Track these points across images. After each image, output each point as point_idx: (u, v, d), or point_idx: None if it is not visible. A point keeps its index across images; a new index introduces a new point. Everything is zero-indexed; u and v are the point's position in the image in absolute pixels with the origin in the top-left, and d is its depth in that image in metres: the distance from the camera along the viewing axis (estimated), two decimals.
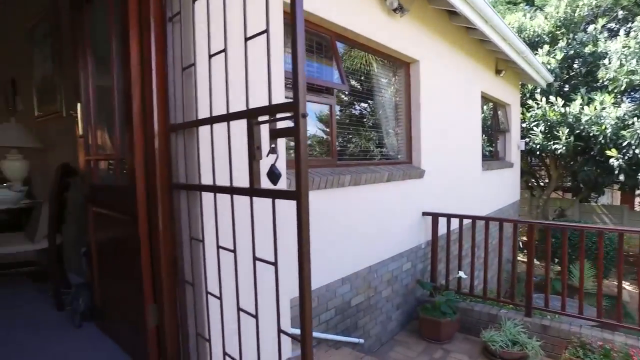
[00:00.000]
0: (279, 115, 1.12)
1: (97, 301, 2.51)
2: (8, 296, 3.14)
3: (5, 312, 2.79)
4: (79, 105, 2.37)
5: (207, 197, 1.58)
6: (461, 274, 4.24)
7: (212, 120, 1.41)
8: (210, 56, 1.42)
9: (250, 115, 1.19)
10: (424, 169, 4.64)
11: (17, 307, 2.89)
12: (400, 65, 4.57)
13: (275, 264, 1.17)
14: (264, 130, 1.21)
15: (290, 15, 1.02)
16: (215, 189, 1.43)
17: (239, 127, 1.36)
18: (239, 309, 1.36)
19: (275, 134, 1.11)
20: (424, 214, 4.68)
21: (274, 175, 1.10)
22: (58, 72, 3.29)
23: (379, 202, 3.92)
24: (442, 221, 4.59)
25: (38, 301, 3.02)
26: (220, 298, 1.47)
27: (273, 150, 1.11)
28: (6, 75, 4.47)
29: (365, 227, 3.70)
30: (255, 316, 1.27)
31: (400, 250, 4.28)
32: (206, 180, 1.57)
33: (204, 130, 1.56)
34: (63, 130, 3.34)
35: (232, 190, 1.34)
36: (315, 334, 3.14)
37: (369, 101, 4.37)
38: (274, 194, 1.14)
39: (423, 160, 4.67)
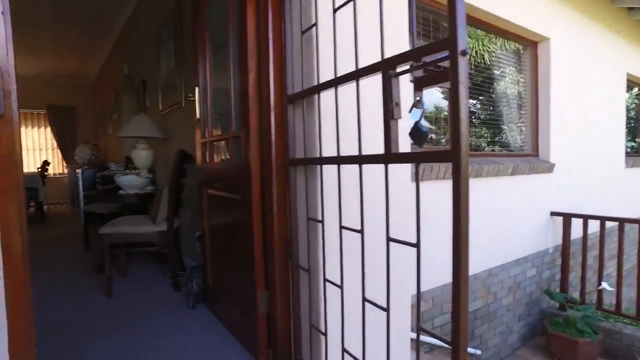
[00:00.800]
0: (425, 60, 0.90)
1: (210, 284, 2.53)
2: (139, 272, 3.39)
3: (136, 286, 2.99)
4: (196, 89, 2.41)
5: (328, 172, 1.42)
6: (605, 285, 3.57)
7: (337, 82, 1.24)
8: (335, 10, 1.26)
9: (387, 65, 0.99)
10: (553, 162, 4.03)
11: (143, 282, 3.09)
12: (526, 44, 4.03)
13: (417, 245, 0.94)
14: (403, 82, 1.00)
15: None
16: (339, 160, 1.25)
17: (369, 86, 1.17)
18: (365, 300, 1.16)
19: (422, 83, 0.89)
20: (553, 214, 4.06)
21: (419, 133, 0.88)
22: (179, 66, 3.46)
23: (502, 197, 3.47)
24: (576, 223, 3.93)
25: (159, 280, 3.20)
26: (341, 286, 1.30)
27: (418, 104, 0.89)
28: (139, 77, 4.90)
29: (486, 224, 3.29)
30: (387, 309, 1.06)
31: (524, 254, 3.76)
32: (327, 152, 1.41)
33: (325, 97, 1.40)
34: (182, 120, 3.50)
35: (360, 160, 1.15)
36: (427, 339, 2.85)
37: (489, 85, 3.91)
38: (419, 158, 0.92)
39: (552, 152, 4.06)
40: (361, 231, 1.17)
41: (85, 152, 7.69)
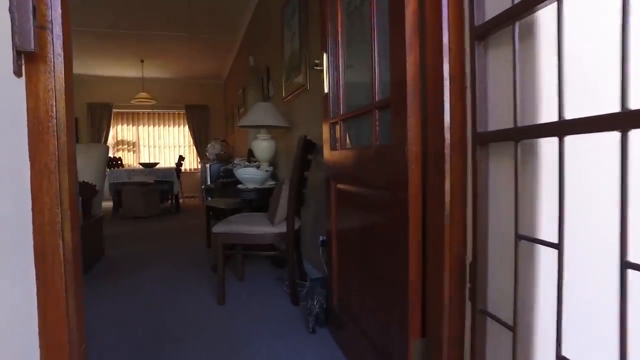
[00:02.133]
0: None
1: (335, 304, 1.99)
2: (256, 275, 3.06)
3: (251, 294, 2.63)
4: (324, 55, 1.89)
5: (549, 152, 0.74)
6: None
7: None
8: None
9: None
10: None
11: (259, 291, 2.71)
12: None
13: None
14: None
15: None
16: (601, 123, 0.56)
17: None
18: None
19: None
20: None
21: None
22: (304, 45, 3.03)
23: None
24: None
25: (276, 289, 2.79)
26: None
27: None
28: (263, 66, 4.68)
29: None
30: None
31: None
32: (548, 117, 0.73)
33: (546, 17, 0.72)
34: (307, 106, 3.07)
35: None
36: None
37: None
38: None
39: None
40: None
41: (215, 147, 7.96)
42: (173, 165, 8.76)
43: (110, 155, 9.40)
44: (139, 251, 4.08)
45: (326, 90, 1.91)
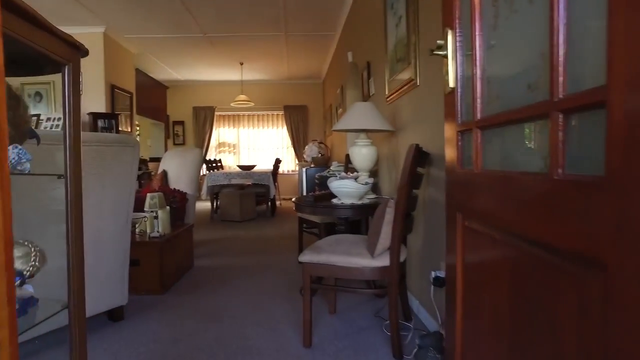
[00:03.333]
0: None
1: None
2: (350, 308, 2.58)
3: (343, 335, 2.15)
4: (448, 34, 1.32)
5: None
6: None
7: None
8: None
9: None
10: None
11: (353, 331, 2.22)
12: None
13: None
14: None
15: None
16: None
17: None
18: None
19: None
20: None
21: None
22: (413, 30, 2.46)
23: None
24: None
25: (374, 329, 2.27)
26: None
27: None
28: (363, 62, 4.19)
29: None
30: None
31: None
32: None
33: None
34: (415, 106, 2.50)
35: None
36: None
37: None
38: None
39: None
40: None
41: (313, 150, 7.69)
42: (271, 167, 8.72)
43: (212, 157, 9.72)
44: (228, 263, 3.86)
45: (451, 84, 1.33)
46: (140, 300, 2.88)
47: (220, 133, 10.01)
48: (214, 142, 9.89)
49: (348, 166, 3.76)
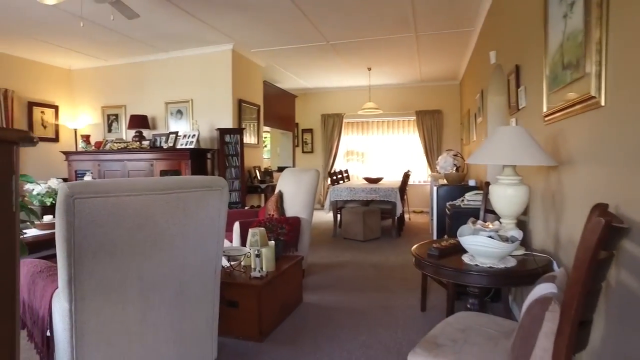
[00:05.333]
0: None
1: None
2: None
3: None
4: None
5: None
6: None
7: None
8: None
9: None
10: None
11: None
12: None
13: None
14: None
15: None
16: None
17: None
18: None
19: None
20: None
21: None
22: (596, 18, 1.63)
23: None
24: None
25: None
26: None
27: None
28: (510, 64, 3.32)
29: None
30: None
31: None
32: None
33: None
34: (596, 136, 1.66)
35: None
36: None
37: None
38: None
39: None
40: None
41: (447, 161, 6.81)
42: (399, 179, 8.08)
43: (340, 165, 9.47)
44: (338, 301, 3.40)
45: None
46: (235, 347, 2.61)
47: (349, 140, 9.72)
48: (342, 149, 9.65)
49: (487, 201, 2.96)
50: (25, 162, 6.27)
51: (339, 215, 6.64)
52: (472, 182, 4.92)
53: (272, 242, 3.05)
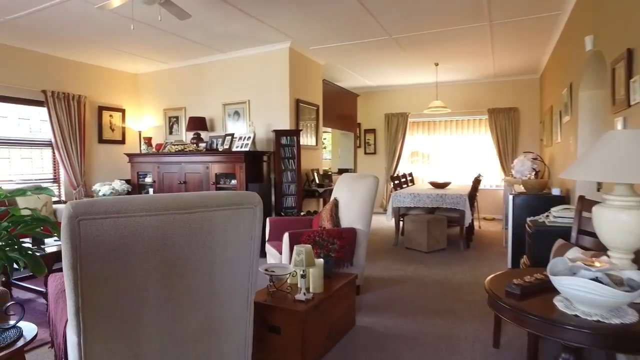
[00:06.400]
0: None
1: None
2: None
3: None
4: None
5: None
6: None
7: None
8: None
9: None
10: None
11: None
12: None
13: None
14: None
15: None
16: None
17: None
18: None
19: None
20: None
21: None
22: None
23: None
24: None
25: None
26: None
27: None
28: (616, 50, 2.69)
29: None
30: None
31: None
32: None
33: None
34: None
35: None
36: None
37: None
38: None
39: None
40: None
41: (525, 165, 6.04)
42: (469, 182, 7.41)
43: (404, 168, 8.94)
44: (395, 326, 2.99)
45: None
46: None
47: (414, 141, 9.14)
48: (406, 151, 9.10)
49: (581, 219, 2.39)
50: (95, 164, 6.53)
51: (401, 222, 6.17)
52: (556, 191, 4.25)
53: (321, 260, 2.72)
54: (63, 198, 6.16)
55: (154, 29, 4.92)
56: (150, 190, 6.27)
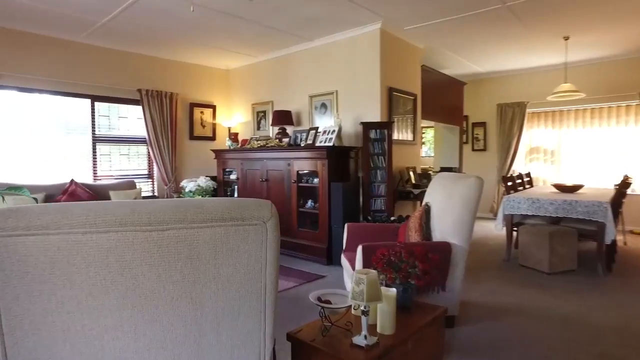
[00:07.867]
0: None
1: None
2: None
3: None
4: None
5: None
6: None
7: None
8: None
9: None
10: None
11: None
12: None
13: None
14: None
15: None
16: None
17: None
18: None
19: None
20: None
21: None
22: None
23: None
24: None
25: None
26: None
27: None
28: None
29: None
30: None
31: None
32: None
33: None
34: None
35: None
36: None
37: None
38: None
39: None
40: None
41: None
42: (611, 186, 5.90)
43: (520, 168, 7.59)
44: None
45: None
46: None
47: (533, 135, 7.72)
48: (523, 147, 7.73)
49: None
50: (187, 160, 6.58)
51: (514, 233, 5.06)
52: None
53: (393, 290, 2.01)
54: (156, 194, 6.29)
55: (236, 18, 4.62)
56: (235, 187, 6.08)
